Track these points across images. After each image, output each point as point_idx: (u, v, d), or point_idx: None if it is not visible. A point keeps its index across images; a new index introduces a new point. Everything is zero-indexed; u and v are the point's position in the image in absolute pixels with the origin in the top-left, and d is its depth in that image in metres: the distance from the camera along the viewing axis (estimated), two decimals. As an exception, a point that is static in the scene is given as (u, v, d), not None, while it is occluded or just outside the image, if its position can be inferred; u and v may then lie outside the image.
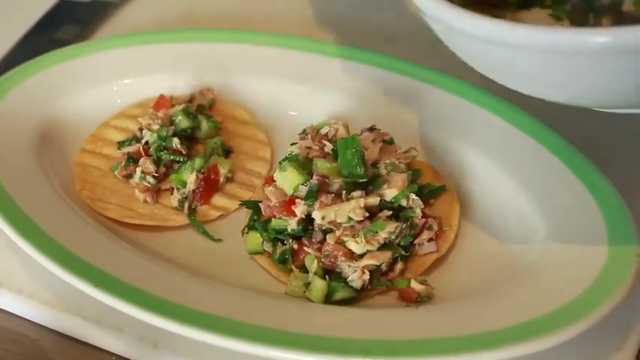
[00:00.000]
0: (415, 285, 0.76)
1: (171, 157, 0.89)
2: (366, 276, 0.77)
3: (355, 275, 0.77)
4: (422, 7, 0.73)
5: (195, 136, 0.94)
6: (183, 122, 0.92)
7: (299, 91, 0.98)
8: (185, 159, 0.89)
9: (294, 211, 0.78)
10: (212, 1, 1.05)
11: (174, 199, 0.88)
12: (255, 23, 1.11)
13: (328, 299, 0.76)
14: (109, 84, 0.97)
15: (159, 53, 1.02)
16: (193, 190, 0.87)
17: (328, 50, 1.00)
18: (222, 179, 0.90)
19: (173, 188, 0.88)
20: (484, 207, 0.85)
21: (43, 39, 1.15)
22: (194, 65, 1.01)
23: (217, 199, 0.89)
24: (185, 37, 1.04)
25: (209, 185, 0.88)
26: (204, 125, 0.93)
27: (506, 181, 0.85)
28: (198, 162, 0.89)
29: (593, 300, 0.69)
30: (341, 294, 0.76)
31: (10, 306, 0.80)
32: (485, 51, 0.71)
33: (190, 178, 0.88)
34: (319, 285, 0.76)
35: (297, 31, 1.05)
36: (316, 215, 0.77)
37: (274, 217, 0.80)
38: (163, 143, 0.90)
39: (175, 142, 0.90)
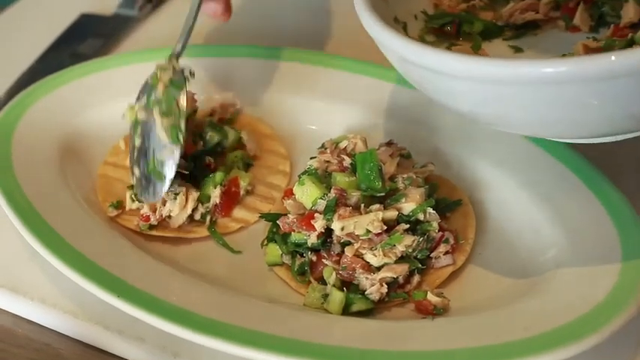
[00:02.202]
0: (431, 297, 0.77)
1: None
2: (384, 289, 0.77)
3: (374, 288, 0.77)
4: (373, 35, 0.77)
5: (221, 145, 0.94)
6: (214, 137, 0.93)
7: (318, 105, 0.99)
8: (210, 173, 0.90)
9: (313, 226, 0.79)
10: (232, 15, 1.06)
11: (197, 213, 0.88)
12: (274, 38, 1.12)
13: (346, 311, 0.77)
14: (131, 97, 0.97)
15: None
16: (215, 204, 0.88)
17: (347, 65, 1.01)
18: (242, 192, 0.90)
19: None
20: (499, 220, 0.86)
21: (65, 53, 1.17)
22: (215, 79, 1.02)
23: (237, 212, 0.90)
24: (206, 51, 1.05)
25: (229, 198, 0.89)
26: (232, 135, 0.94)
27: (521, 195, 0.86)
28: (218, 176, 0.89)
29: (606, 314, 0.70)
30: (358, 306, 0.77)
31: (33, 315, 0.81)
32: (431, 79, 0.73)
33: (214, 193, 0.88)
34: (337, 297, 0.77)
35: (315, 47, 1.06)
36: (335, 226, 0.77)
37: (293, 231, 0.81)
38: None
39: (208, 159, 0.92)
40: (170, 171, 0.86)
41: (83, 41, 1.19)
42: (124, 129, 0.94)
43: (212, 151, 0.93)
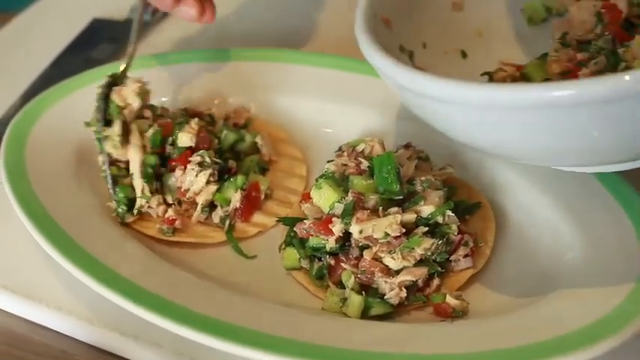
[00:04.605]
0: (450, 300, 0.76)
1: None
2: (403, 293, 0.77)
3: (393, 293, 0.77)
4: (376, 67, 0.76)
5: (236, 150, 0.94)
6: (229, 137, 0.93)
7: (333, 108, 0.98)
8: (228, 177, 0.90)
9: (331, 230, 0.78)
10: (244, 19, 1.06)
11: (215, 216, 0.88)
12: (287, 41, 1.11)
13: (364, 314, 0.76)
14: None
15: (193, 71, 1.03)
16: (236, 208, 0.88)
17: (362, 68, 0.99)
18: (262, 197, 0.90)
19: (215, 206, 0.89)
20: (518, 223, 0.85)
21: (78, 58, 1.17)
22: (228, 84, 1.02)
23: (255, 216, 0.89)
24: (219, 55, 1.05)
25: (250, 202, 0.89)
26: (247, 139, 0.94)
27: (540, 198, 0.85)
28: (240, 180, 0.89)
29: (625, 316, 0.69)
30: (377, 309, 0.77)
31: (49, 322, 0.81)
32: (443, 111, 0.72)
33: (235, 197, 0.88)
34: (356, 300, 0.76)
35: (330, 49, 1.06)
36: (354, 229, 0.77)
37: (311, 236, 0.80)
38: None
39: (231, 162, 0.91)
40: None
41: (96, 46, 1.19)
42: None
43: (230, 152, 0.93)
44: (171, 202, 0.89)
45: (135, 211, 0.88)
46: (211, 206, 0.89)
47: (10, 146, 0.90)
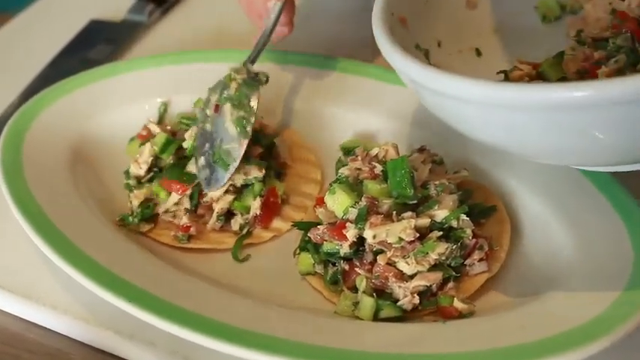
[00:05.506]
0: (458, 304, 0.76)
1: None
2: (416, 299, 0.76)
3: (406, 300, 0.76)
4: (392, 63, 0.75)
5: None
6: (263, 140, 0.93)
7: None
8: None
9: (345, 235, 0.78)
10: (243, 20, 1.05)
11: (235, 224, 0.88)
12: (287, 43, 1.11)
13: (376, 317, 0.76)
14: (142, 102, 0.98)
15: (191, 72, 1.03)
16: (255, 215, 0.88)
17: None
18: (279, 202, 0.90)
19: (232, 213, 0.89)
20: (520, 224, 0.85)
21: (75, 59, 1.16)
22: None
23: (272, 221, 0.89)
24: (217, 56, 1.04)
25: (269, 209, 0.88)
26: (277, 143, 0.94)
27: (540, 199, 0.85)
28: (257, 186, 0.88)
29: (619, 316, 0.69)
30: (387, 312, 0.76)
31: (44, 321, 0.81)
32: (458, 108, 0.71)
33: (254, 204, 0.87)
34: (368, 303, 0.76)
35: (337, 52, 1.05)
36: (368, 234, 0.76)
37: (325, 241, 0.80)
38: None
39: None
40: (235, 160, 0.88)
41: (93, 47, 1.19)
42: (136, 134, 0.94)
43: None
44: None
45: (161, 211, 0.89)
46: (227, 214, 0.88)
47: (6, 145, 0.90)
